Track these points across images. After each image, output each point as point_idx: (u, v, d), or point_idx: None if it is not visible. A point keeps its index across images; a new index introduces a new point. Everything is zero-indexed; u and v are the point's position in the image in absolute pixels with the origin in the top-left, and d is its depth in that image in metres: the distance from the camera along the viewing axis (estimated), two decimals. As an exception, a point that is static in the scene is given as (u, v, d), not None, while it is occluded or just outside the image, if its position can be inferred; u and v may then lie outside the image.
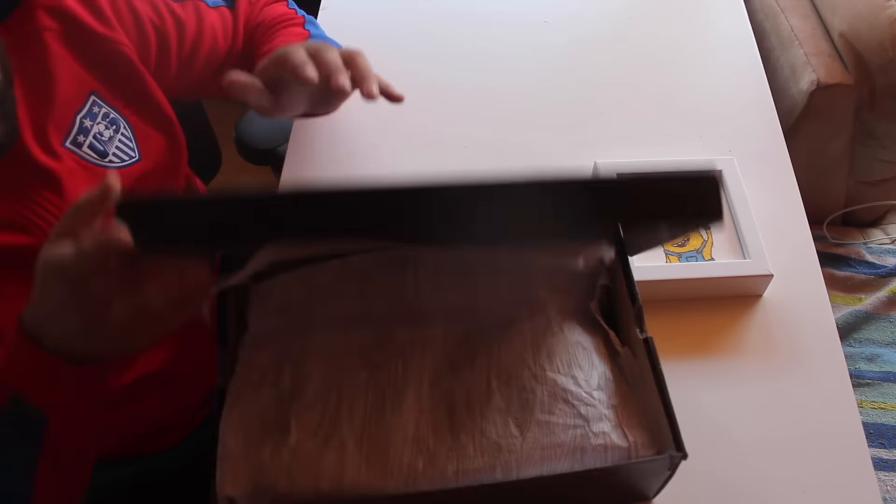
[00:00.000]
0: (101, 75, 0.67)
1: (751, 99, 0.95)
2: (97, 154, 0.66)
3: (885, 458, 0.99)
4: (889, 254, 1.23)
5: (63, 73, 0.63)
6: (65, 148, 0.63)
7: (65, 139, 0.64)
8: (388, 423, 0.56)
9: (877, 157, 1.22)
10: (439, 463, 0.54)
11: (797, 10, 1.23)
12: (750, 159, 0.83)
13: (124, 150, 0.69)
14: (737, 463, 0.66)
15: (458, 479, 0.53)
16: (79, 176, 0.64)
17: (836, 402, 0.69)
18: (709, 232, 0.78)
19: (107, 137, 0.67)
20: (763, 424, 0.68)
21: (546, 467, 0.54)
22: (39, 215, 0.61)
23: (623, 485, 0.61)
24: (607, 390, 0.58)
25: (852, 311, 1.14)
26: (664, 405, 0.54)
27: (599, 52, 1.01)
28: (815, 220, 1.14)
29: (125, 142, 0.69)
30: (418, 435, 0.55)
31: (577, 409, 0.56)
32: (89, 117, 0.66)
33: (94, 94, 0.67)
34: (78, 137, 0.65)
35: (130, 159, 0.70)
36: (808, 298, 0.76)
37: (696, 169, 0.50)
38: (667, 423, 0.53)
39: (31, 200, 0.61)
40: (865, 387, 1.07)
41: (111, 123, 0.68)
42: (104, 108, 0.67)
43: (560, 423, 0.56)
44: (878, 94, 1.12)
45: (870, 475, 0.65)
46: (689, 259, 0.75)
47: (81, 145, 0.65)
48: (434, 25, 1.07)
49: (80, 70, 0.65)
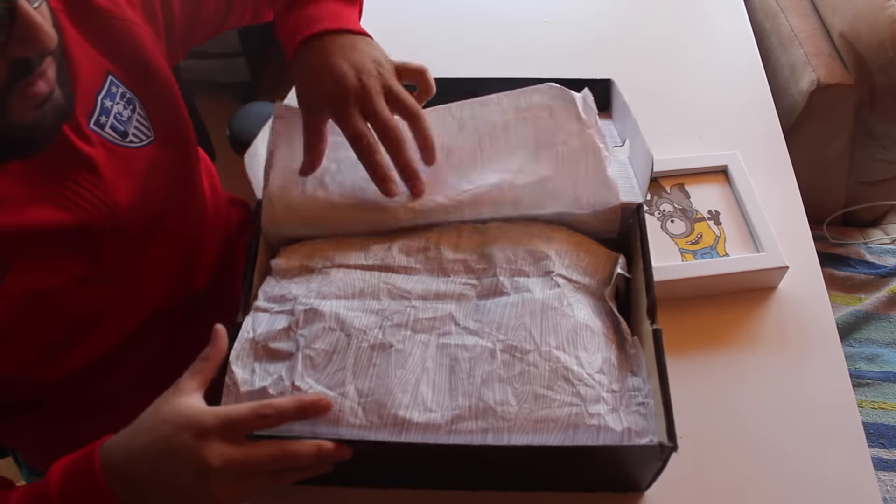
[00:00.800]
0: (113, 55, 0.66)
1: (751, 99, 0.95)
2: (118, 135, 0.66)
3: (885, 458, 0.99)
4: (889, 254, 1.23)
5: (80, 53, 0.62)
6: (91, 129, 0.63)
7: (89, 121, 0.63)
8: (391, 374, 0.57)
9: (877, 157, 1.22)
10: (433, 419, 0.56)
11: (797, 10, 1.23)
12: (750, 159, 0.83)
13: (142, 129, 0.69)
14: (737, 461, 0.65)
15: (449, 438, 0.55)
16: (106, 157, 0.64)
17: (836, 401, 0.69)
18: (720, 227, 0.78)
19: (125, 117, 0.67)
20: (763, 424, 0.68)
21: (537, 438, 0.55)
22: (78, 193, 0.61)
23: (614, 471, 0.61)
24: (609, 375, 0.59)
25: (852, 311, 1.14)
26: (663, 396, 0.55)
27: (599, 52, 1.01)
28: (815, 220, 1.14)
29: (141, 121, 0.69)
30: (418, 390, 0.57)
31: (577, 389, 0.57)
32: (109, 97, 0.65)
33: (111, 74, 0.66)
34: (101, 118, 0.64)
35: (147, 139, 0.69)
36: (808, 298, 0.76)
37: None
38: (664, 413, 0.54)
39: (69, 180, 0.61)
40: (865, 387, 1.07)
41: (128, 103, 0.67)
42: (121, 88, 0.67)
43: (557, 400, 0.57)
44: (878, 94, 1.12)
45: (870, 475, 0.65)
46: (704, 256, 0.75)
47: (104, 126, 0.64)
48: (434, 25, 1.07)
49: (92, 50, 0.65)
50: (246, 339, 0.60)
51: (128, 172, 0.66)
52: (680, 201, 0.80)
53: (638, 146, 0.69)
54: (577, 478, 0.63)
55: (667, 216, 0.78)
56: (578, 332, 0.60)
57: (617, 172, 0.68)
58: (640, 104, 0.94)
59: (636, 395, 0.58)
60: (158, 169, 0.69)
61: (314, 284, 0.64)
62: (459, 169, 0.70)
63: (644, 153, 0.66)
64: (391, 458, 0.59)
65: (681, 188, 0.81)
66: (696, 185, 0.81)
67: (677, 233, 0.77)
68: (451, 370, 0.58)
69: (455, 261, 0.65)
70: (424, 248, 0.66)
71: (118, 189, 0.64)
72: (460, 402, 0.56)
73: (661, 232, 0.77)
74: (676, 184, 0.81)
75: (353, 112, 0.64)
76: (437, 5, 1.09)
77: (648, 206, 0.79)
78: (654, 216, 0.78)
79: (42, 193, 0.59)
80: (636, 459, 0.58)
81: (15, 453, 0.86)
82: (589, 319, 0.62)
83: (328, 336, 0.60)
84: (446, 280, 0.65)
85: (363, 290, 0.63)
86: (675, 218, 0.78)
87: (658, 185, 0.81)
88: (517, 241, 0.66)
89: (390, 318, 0.61)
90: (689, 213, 0.79)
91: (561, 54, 1.01)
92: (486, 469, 0.62)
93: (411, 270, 0.65)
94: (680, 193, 0.81)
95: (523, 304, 0.62)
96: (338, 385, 0.57)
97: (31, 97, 0.52)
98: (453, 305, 0.63)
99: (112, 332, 0.68)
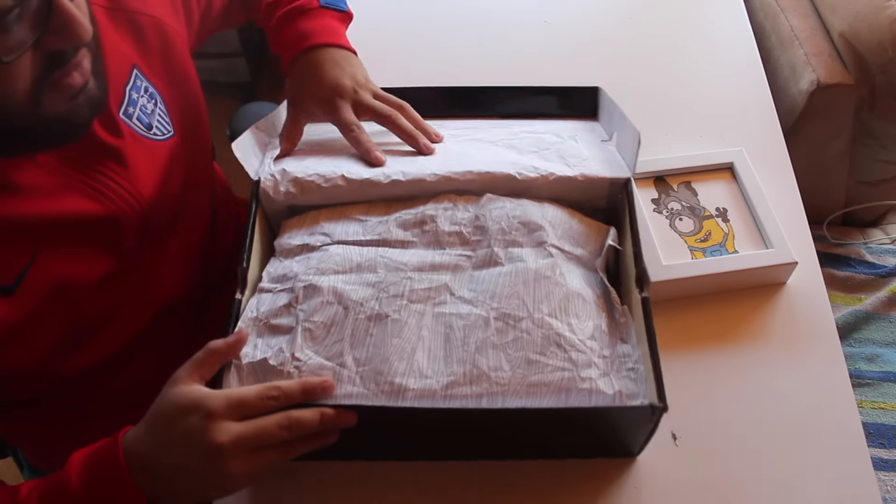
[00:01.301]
0: (138, 49, 0.68)
1: (751, 99, 0.95)
2: (144, 126, 0.67)
3: (885, 458, 0.99)
4: (889, 254, 1.23)
5: (109, 45, 0.63)
6: (120, 118, 0.64)
7: (119, 110, 0.64)
8: (387, 343, 0.59)
9: (877, 157, 1.22)
10: (429, 385, 0.57)
11: (797, 10, 1.23)
12: (750, 159, 0.83)
13: (163, 124, 0.70)
14: (737, 459, 0.66)
15: (444, 403, 0.57)
16: (133, 147, 0.65)
17: (835, 401, 0.69)
18: (728, 224, 0.78)
19: (149, 110, 0.68)
20: (763, 423, 0.68)
21: (530, 402, 0.57)
22: (106, 185, 0.62)
23: (606, 434, 0.63)
24: (600, 341, 0.60)
25: (852, 311, 1.14)
26: (653, 361, 0.56)
27: (599, 52, 1.01)
28: (815, 220, 1.14)
29: (162, 116, 0.70)
30: (414, 358, 0.58)
31: (569, 354, 0.59)
32: (135, 90, 0.66)
33: (136, 68, 0.67)
34: (128, 109, 0.65)
35: (168, 133, 0.70)
36: (809, 298, 0.76)
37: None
38: (653, 377, 0.55)
39: (98, 171, 0.61)
40: (865, 387, 1.07)
41: (151, 97, 0.68)
42: (144, 83, 0.68)
43: (550, 365, 0.58)
44: (878, 94, 1.12)
45: (870, 475, 0.65)
46: (713, 254, 0.75)
47: (132, 117, 0.65)
48: (434, 25, 1.07)
49: (122, 43, 0.66)
50: (249, 319, 0.62)
51: (153, 165, 0.67)
52: (688, 199, 0.80)
53: (625, 129, 0.71)
54: (569, 443, 0.64)
55: (675, 214, 0.79)
56: (570, 301, 0.62)
57: (605, 157, 0.72)
58: (640, 104, 0.94)
59: (626, 361, 0.59)
60: (178, 164, 0.71)
61: (314, 262, 0.65)
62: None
63: (631, 132, 0.68)
64: (389, 424, 0.60)
65: (688, 186, 0.81)
66: (702, 182, 0.82)
67: (686, 231, 0.77)
68: (446, 338, 0.60)
69: (450, 233, 0.67)
70: (421, 221, 0.68)
71: (145, 181, 0.65)
72: (455, 368, 0.58)
73: (671, 230, 0.77)
74: (683, 181, 0.82)
75: (344, 105, 0.73)
76: (437, 6, 1.09)
77: (657, 205, 0.80)
78: (663, 214, 0.79)
79: (71, 183, 0.60)
80: (628, 421, 0.59)
81: (16, 452, 0.86)
82: (581, 288, 0.63)
83: (326, 309, 0.61)
84: (442, 252, 0.66)
85: (360, 264, 0.65)
86: (683, 216, 0.78)
87: (665, 184, 0.81)
88: (511, 213, 0.68)
89: (387, 289, 0.62)
90: (697, 210, 0.79)
91: (561, 55, 1.01)
92: (481, 436, 0.63)
93: (408, 244, 0.67)
94: (687, 191, 0.81)
95: (517, 273, 0.63)
96: (336, 356, 0.59)
97: (65, 88, 0.53)
98: (448, 276, 0.64)
99: (125, 328, 0.69)
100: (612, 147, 0.74)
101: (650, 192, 0.80)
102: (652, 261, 0.73)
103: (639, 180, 0.81)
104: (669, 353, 0.70)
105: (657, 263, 0.73)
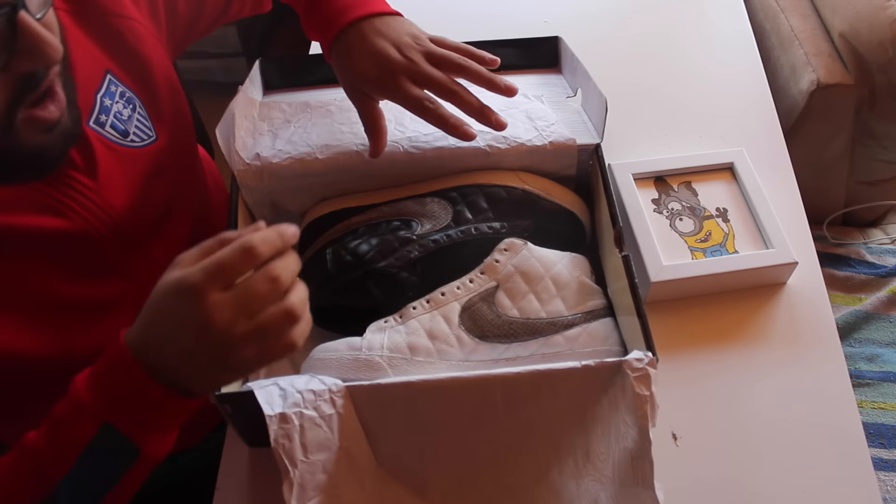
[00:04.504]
0: (113, 53, 0.66)
1: (751, 99, 0.95)
2: (119, 134, 0.65)
3: (885, 458, 0.99)
4: (889, 254, 1.23)
5: (79, 51, 0.61)
6: (90, 128, 0.62)
7: (88, 119, 0.62)
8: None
9: (877, 157, 1.22)
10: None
11: (797, 10, 1.24)
12: (750, 159, 0.83)
13: (142, 129, 0.68)
14: (738, 459, 0.65)
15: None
16: (106, 157, 0.63)
17: (835, 401, 0.69)
18: (728, 224, 0.78)
19: (126, 116, 0.66)
20: (764, 422, 0.68)
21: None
22: (73, 198, 0.60)
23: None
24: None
25: (852, 311, 1.14)
26: (637, 312, 0.58)
27: (599, 52, 1.01)
28: (816, 220, 1.15)
29: (142, 121, 0.68)
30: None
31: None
32: (108, 96, 0.64)
33: (110, 73, 0.65)
34: (100, 117, 0.63)
35: (149, 139, 0.68)
36: (809, 298, 0.76)
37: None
38: (640, 326, 0.58)
39: (64, 184, 0.59)
40: (865, 387, 1.07)
41: (128, 102, 0.66)
42: (120, 87, 0.66)
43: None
44: (878, 94, 1.12)
45: (870, 475, 0.65)
46: (713, 254, 0.75)
47: (104, 125, 0.63)
48: (434, 25, 1.06)
49: (93, 48, 0.64)
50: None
51: (129, 173, 0.65)
52: (688, 199, 0.80)
53: (591, 92, 0.73)
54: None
55: (675, 214, 0.78)
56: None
57: (572, 119, 0.74)
58: (640, 104, 0.94)
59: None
60: (161, 169, 0.69)
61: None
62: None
63: (597, 97, 0.70)
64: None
65: (688, 186, 0.81)
66: (703, 182, 0.82)
67: (686, 231, 0.77)
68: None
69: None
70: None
71: (116, 192, 0.64)
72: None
73: (671, 230, 0.77)
74: (683, 181, 0.82)
75: (404, 82, 0.66)
76: (436, 6, 1.09)
77: (657, 205, 0.80)
78: (663, 215, 0.79)
79: (36, 197, 0.58)
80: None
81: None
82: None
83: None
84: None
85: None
86: (683, 216, 0.78)
87: (665, 184, 0.81)
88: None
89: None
90: (698, 210, 0.79)
91: (561, 54, 1.01)
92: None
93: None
94: (687, 191, 0.81)
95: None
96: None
97: (40, 121, 0.51)
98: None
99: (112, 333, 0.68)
100: (578, 106, 0.76)
101: (650, 192, 0.80)
102: (652, 261, 0.73)
103: (639, 180, 0.81)
104: (669, 353, 0.70)
105: (657, 263, 0.73)
